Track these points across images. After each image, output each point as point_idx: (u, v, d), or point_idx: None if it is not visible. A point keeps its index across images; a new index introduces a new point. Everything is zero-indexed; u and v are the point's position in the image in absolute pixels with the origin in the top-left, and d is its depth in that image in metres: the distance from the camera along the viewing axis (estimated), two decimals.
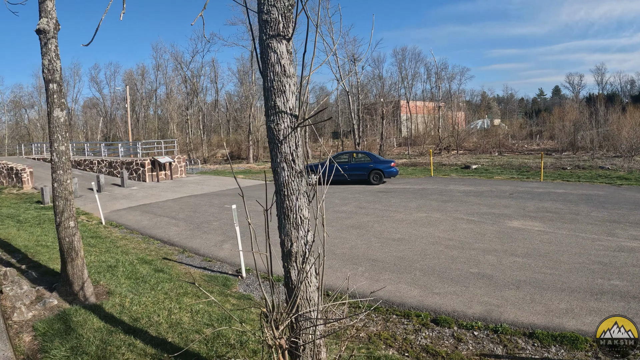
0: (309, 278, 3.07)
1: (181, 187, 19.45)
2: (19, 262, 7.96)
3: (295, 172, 2.98)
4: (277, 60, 2.93)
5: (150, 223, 11.85)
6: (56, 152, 5.97)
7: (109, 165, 24.13)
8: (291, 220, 3.02)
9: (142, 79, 63.00)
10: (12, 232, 10.87)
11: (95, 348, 4.30)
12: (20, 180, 21.35)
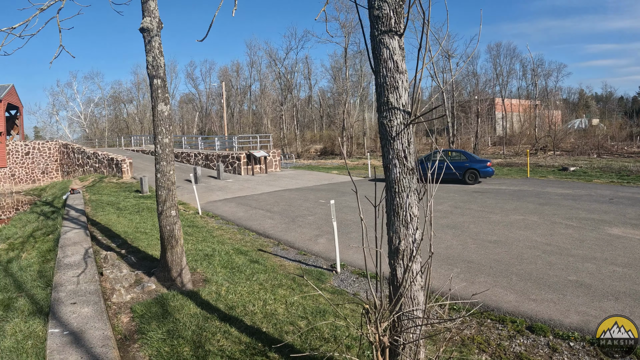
0: (415, 277, 4.68)
1: (275, 181, 28.09)
2: (119, 247, 12.46)
3: (407, 169, 4.62)
4: (389, 56, 4.60)
5: (245, 215, 17.64)
6: (160, 144, 9.41)
7: (205, 158, 35.86)
8: (401, 217, 4.69)
9: (237, 76, 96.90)
10: (112, 218, 16.57)
11: (191, 333, 6.96)
12: (120, 170, 33.12)
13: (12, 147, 50.60)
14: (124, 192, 25.38)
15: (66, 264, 10.73)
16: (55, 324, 7.37)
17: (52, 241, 14.50)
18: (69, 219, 16.69)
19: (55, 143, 51.68)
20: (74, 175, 44.76)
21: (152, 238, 13.61)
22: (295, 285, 9.37)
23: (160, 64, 9.35)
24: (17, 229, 19.94)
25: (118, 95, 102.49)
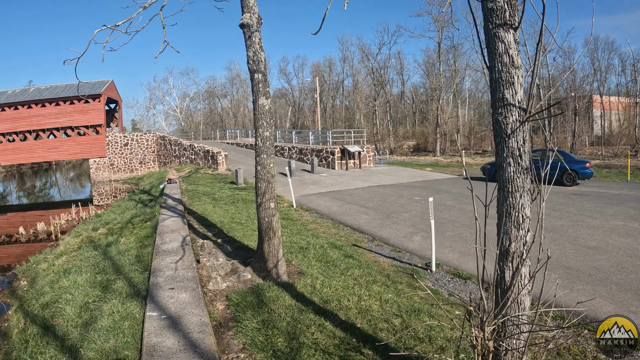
0: (523, 281, 4.61)
1: (369, 176, 28.08)
2: (215, 236, 12.88)
3: (521, 168, 4.56)
4: (504, 51, 4.55)
5: (340, 209, 17.75)
6: (261, 137, 9.62)
7: (299, 152, 36.89)
8: (512, 218, 4.62)
9: (329, 71, 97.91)
10: (208, 208, 17.16)
11: (286, 324, 7.08)
12: (216, 162, 34.50)
13: (112, 139, 53.74)
14: (219, 183, 26.33)
15: (164, 251, 11.23)
16: (153, 308, 7.65)
17: (149, 228, 15.10)
18: (166, 207, 17.40)
19: (152, 135, 54.19)
20: (170, 166, 46.71)
21: (247, 229, 14.01)
22: (390, 283, 9.35)
23: (260, 58, 9.56)
24: (115, 215, 20.89)
25: (212, 90, 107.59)
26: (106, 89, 54.04)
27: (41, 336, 8.83)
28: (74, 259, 14.16)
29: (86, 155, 54.17)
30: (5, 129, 53.43)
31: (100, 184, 51.38)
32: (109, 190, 45.79)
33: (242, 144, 49.62)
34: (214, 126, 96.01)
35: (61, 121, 52.99)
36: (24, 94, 55.48)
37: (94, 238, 16.64)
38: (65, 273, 12.52)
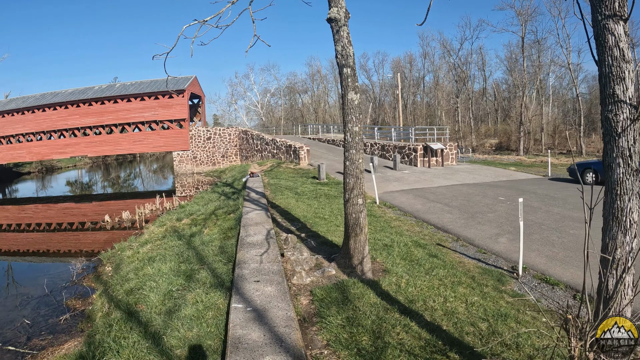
0: (626, 290, 4.39)
1: (452, 174, 27.36)
2: (298, 230, 12.83)
3: (631, 169, 4.29)
4: (615, 44, 4.28)
5: (423, 207, 17.39)
6: (350, 132, 9.49)
7: (381, 148, 36.54)
8: (619, 223, 4.36)
9: (410, 67, 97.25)
10: (291, 202, 17.21)
11: (371, 323, 6.90)
12: (298, 157, 34.73)
13: (195, 133, 55.16)
14: (301, 178, 26.45)
15: (249, 243, 11.18)
16: (238, 300, 7.58)
17: (233, 220, 15.21)
18: (249, 200, 17.53)
19: (235, 129, 55.15)
20: (252, 160, 47.35)
21: (330, 224, 13.90)
22: (475, 285, 9.04)
23: (349, 53, 9.45)
24: (199, 206, 21.24)
25: (293, 85, 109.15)
26: (190, 84, 55.78)
27: (125, 321, 8.96)
28: (158, 248, 14.43)
29: (170, 148, 55.84)
30: (93, 122, 56.18)
31: (183, 176, 53.06)
32: (192, 182, 47.17)
33: (324, 139, 49.60)
34: (295, 121, 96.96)
35: (146, 115, 55.06)
36: (110, 89, 58.13)
37: (177, 228, 16.94)
38: (149, 261, 12.75)
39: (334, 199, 18.42)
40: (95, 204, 43.81)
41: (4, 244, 26.74)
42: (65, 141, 57.47)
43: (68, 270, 16.82)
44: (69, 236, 27.15)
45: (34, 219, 35.49)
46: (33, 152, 59.28)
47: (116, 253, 16.86)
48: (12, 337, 11.61)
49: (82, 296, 13.96)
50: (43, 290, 15.10)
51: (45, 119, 57.78)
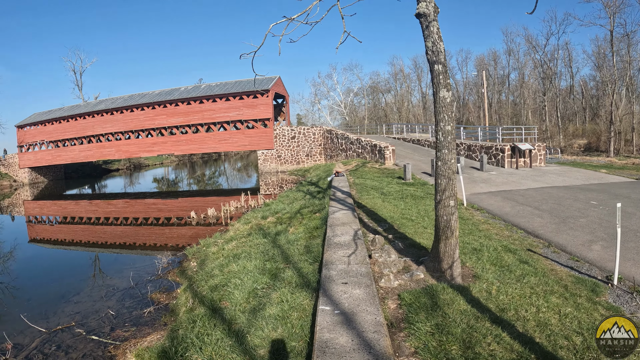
0: None
1: (541, 176, 26.24)
2: (385, 231, 12.51)
3: None
4: None
5: (512, 210, 16.80)
6: (442, 131, 9.24)
7: (467, 148, 35.71)
8: None
9: (494, 64, 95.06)
10: (377, 202, 16.94)
11: (461, 331, 6.64)
12: (383, 157, 34.45)
13: (279, 132, 55.89)
14: (386, 178, 26.15)
15: (336, 244, 11.00)
16: (326, 302, 7.40)
17: (318, 219, 15.16)
18: (335, 199, 17.44)
19: (319, 129, 55.41)
20: (337, 159, 47.47)
21: (417, 226, 13.53)
22: (568, 295, 8.52)
23: (440, 49, 9.16)
24: (284, 204, 21.33)
25: (376, 85, 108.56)
26: (274, 84, 56.56)
27: (208, 318, 9.03)
28: (243, 245, 14.53)
29: (255, 147, 56.92)
30: (179, 122, 58.33)
31: (267, 175, 53.98)
32: (276, 180, 47.93)
33: (408, 139, 48.92)
34: (378, 121, 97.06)
35: (231, 115, 56.35)
36: (195, 90, 60.18)
37: (263, 226, 17.04)
38: (234, 258, 12.84)
39: (421, 200, 18.05)
40: (181, 200, 45.31)
41: (94, 236, 28.22)
42: (152, 140, 60.06)
43: (153, 264, 17.31)
44: (155, 231, 28.12)
45: (122, 214, 37.29)
46: (122, 150, 62.42)
47: (201, 249, 17.15)
48: (97, 327, 12.05)
49: (166, 290, 14.28)
50: (129, 282, 15.61)
51: (133, 119, 60.71)
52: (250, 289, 9.77)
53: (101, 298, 14.44)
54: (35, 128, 70.81)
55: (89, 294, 15.10)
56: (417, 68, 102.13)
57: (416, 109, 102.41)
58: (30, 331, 12.13)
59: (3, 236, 30.07)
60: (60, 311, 13.66)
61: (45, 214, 41.20)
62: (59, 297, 14.98)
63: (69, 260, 22.37)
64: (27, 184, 71.40)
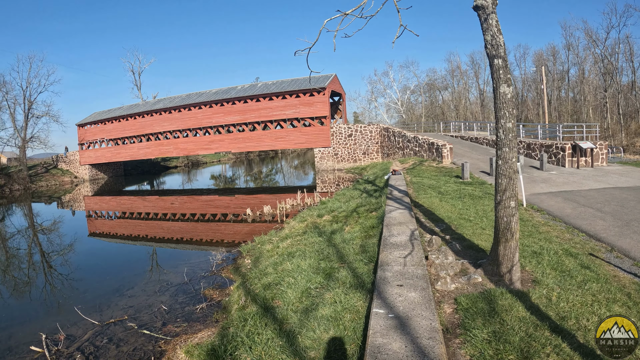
0: None
1: (603, 176, 25.24)
2: (442, 232, 12.22)
3: None
4: None
5: (573, 212, 16.20)
6: (502, 128, 8.95)
7: (527, 146, 34.94)
8: None
9: (553, 59, 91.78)
10: (434, 202, 16.64)
11: (519, 340, 6.36)
12: (440, 155, 33.96)
13: (336, 130, 55.96)
14: (444, 177, 25.76)
15: (392, 244, 10.75)
16: (380, 304, 7.22)
17: (375, 218, 15.01)
18: (392, 198, 17.22)
19: (376, 127, 55.21)
20: (394, 157, 47.22)
21: (476, 226, 13.18)
22: (632, 304, 8.05)
23: (499, 42, 8.84)
24: (340, 203, 21.25)
25: (433, 82, 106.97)
26: (330, 82, 56.69)
27: (260, 316, 8.99)
28: (298, 243, 14.50)
29: (311, 144, 57.25)
30: (236, 120, 59.35)
31: (324, 173, 54.09)
32: (332, 178, 47.97)
33: (466, 137, 48.08)
34: (435, 119, 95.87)
35: (288, 113, 56.79)
36: (252, 88, 61.06)
37: (318, 224, 16.98)
38: (289, 256, 12.81)
39: (479, 200, 17.65)
40: (238, 197, 45.79)
41: (151, 231, 29.07)
42: (209, 138, 61.33)
43: (208, 260, 17.47)
44: (211, 227, 28.55)
45: (179, 210, 38.17)
46: (180, 147, 64.16)
47: (256, 246, 17.21)
48: (149, 321, 12.23)
49: (219, 287, 14.37)
50: (183, 278, 15.80)
51: (191, 117, 62.27)
52: (304, 289, 9.69)
53: (155, 293, 14.67)
54: (95, 126, 74.04)
55: (143, 288, 15.37)
56: (475, 64, 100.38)
57: (474, 107, 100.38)
58: (83, 323, 12.48)
59: (64, 230, 31.56)
60: (114, 304, 14.02)
61: (104, 209, 42.87)
62: (114, 291, 15.39)
63: (126, 255, 23.12)
64: (87, 180, 74.57)
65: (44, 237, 29.49)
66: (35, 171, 74.05)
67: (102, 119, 72.08)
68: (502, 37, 8.85)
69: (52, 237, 29.09)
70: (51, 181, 72.42)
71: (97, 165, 76.25)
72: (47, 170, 75.93)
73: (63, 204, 49.58)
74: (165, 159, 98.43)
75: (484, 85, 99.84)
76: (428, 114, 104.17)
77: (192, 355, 8.78)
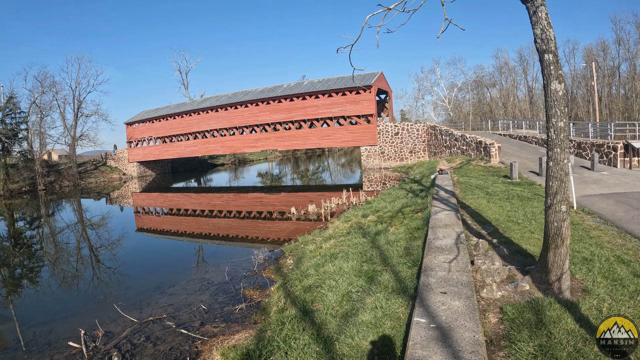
0: None
1: None
2: (489, 235, 11.75)
3: None
4: None
5: (625, 216, 15.36)
6: (553, 128, 8.53)
7: (577, 146, 33.49)
8: None
9: (603, 55, 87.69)
10: (481, 203, 16.16)
11: (566, 355, 5.99)
12: (488, 154, 33.10)
13: (382, 128, 55.60)
14: (491, 177, 25.14)
15: (437, 247, 10.42)
16: (421, 313, 6.95)
17: (420, 219, 14.68)
18: (438, 199, 16.83)
19: (423, 125, 54.59)
20: (441, 156, 46.57)
21: (524, 230, 12.60)
22: None
23: (549, 36, 8.39)
24: (385, 203, 20.98)
25: (480, 79, 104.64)
26: (376, 80, 56.35)
27: (298, 320, 8.85)
28: (341, 244, 14.30)
29: (357, 143, 56.97)
30: (282, 118, 59.62)
31: (370, 171, 53.79)
32: (379, 177, 47.64)
33: (515, 135, 46.82)
34: (483, 116, 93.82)
35: (334, 111, 56.67)
36: (298, 87, 61.20)
37: (363, 224, 16.75)
38: (331, 257, 12.62)
39: (528, 201, 17.02)
40: (284, 194, 46.11)
41: (196, 227, 29.48)
42: (255, 136, 61.71)
43: (250, 259, 17.47)
44: (257, 224, 28.87)
45: (225, 207, 38.60)
46: (226, 145, 64.97)
47: (299, 246, 17.09)
48: (187, 321, 12.25)
49: (259, 287, 14.33)
50: (224, 276, 15.86)
51: (237, 116, 62.91)
52: (345, 292, 9.47)
53: (195, 291, 14.74)
54: (143, 125, 76.18)
55: (184, 286, 15.47)
56: (523, 61, 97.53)
57: (522, 104, 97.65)
58: (122, 320, 12.64)
59: (113, 225, 32.62)
60: (155, 302, 14.20)
61: (151, 205, 44.08)
62: (155, 288, 15.64)
63: (170, 251, 23.66)
64: (135, 177, 76.83)
65: (93, 232, 30.51)
66: (84, 168, 76.86)
67: (150, 117, 73.88)
68: (552, 30, 8.42)
69: (101, 232, 30.19)
70: (100, 178, 75.13)
71: (145, 162, 78.39)
72: (96, 167, 78.55)
73: (112, 200, 51.17)
74: (212, 156, 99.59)
75: (533, 82, 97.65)
76: (475, 111, 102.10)
77: (227, 357, 8.69)
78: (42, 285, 17.66)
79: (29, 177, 64.43)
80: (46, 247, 27.01)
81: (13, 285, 18.10)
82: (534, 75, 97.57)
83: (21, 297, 16.46)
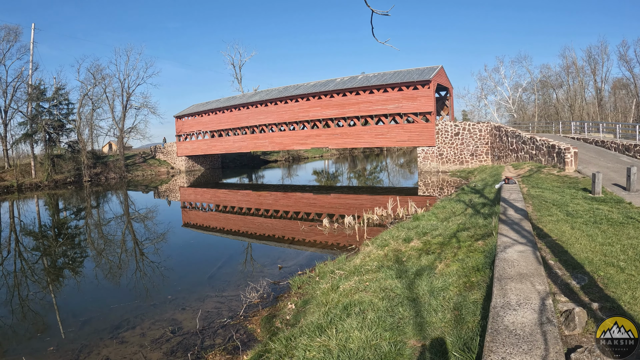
0: None
1: None
2: (585, 292, 7.57)
3: None
4: None
5: None
6: None
7: None
8: None
9: None
10: (564, 229, 11.88)
11: None
12: (562, 161, 28.29)
13: (442, 127, 51.09)
14: (568, 189, 20.44)
15: (506, 329, 6.02)
16: None
17: (481, 253, 10.45)
18: (506, 221, 12.49)
19: (486, 125, 49.62)
20: (505, 161, 41.92)
21: (632, 281, 7.99)
22: None
23: None
24: (437, 220, 17.02)
25: (546, 79, 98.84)
26: (436, 75, 51.76)
27: None
28: (364, 288, 10.40)
29: (414, 143, 52.73)
30: (334, 114, 56.09)
31: (427, 174, 49.92)
32: (436, 181, 43.73)
33: (590, 140, 41.13)
34: (548, 118, 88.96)
35: (389, 108, 52.70)
36: (351, 81, 57.37)
37: (402, 254, 12.78)
38: (343, 311, 8.86)
39: (621, 228, 12.12)
40: (333, 196, 43.78)
41: (242, 226, 29.38)
42: (306, 132, 58.91)
43: (238, 297, 13.67)
44: (284, 231, 25.85)
45: (272, 206, 37.71)
46: (275, 142, 62.81)
47: (312, 279, 13.36)
48: None
49: (230, 352, 10.19)
50: (195, 323, 11.90)
51: (287, 111, 60.45)
52: None
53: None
54: (192, 119, 75.87)
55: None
56: (592, 60, 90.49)
57: (590, 107, 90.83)
58: None
59: (160, 219, 33.94)
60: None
61: (198, 200, 43.89)
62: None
63: (205, 249, 23.45)
64: (183, 171, 77.59)
65: (139, 225, 31.29)
66: (133, 161, 78.19)
67: (199, 111, 72.92)
68: None
69: (149, 225, 31.20)
70: (147, 171, 75.86)
71: (194, 157, 78.23)
72: (144, 160, 79.07)
73: (159, 193, 51.43)
74: (265, 152, 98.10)
75: (602, 83, 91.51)
76: (541, 113, 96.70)
77: None
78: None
79: (75, 168, 64.88)
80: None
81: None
82: (602, 76, 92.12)
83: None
